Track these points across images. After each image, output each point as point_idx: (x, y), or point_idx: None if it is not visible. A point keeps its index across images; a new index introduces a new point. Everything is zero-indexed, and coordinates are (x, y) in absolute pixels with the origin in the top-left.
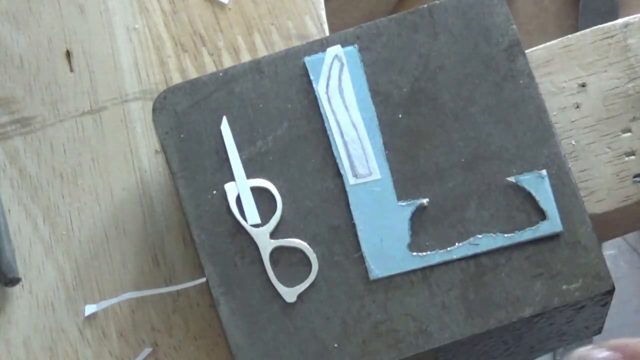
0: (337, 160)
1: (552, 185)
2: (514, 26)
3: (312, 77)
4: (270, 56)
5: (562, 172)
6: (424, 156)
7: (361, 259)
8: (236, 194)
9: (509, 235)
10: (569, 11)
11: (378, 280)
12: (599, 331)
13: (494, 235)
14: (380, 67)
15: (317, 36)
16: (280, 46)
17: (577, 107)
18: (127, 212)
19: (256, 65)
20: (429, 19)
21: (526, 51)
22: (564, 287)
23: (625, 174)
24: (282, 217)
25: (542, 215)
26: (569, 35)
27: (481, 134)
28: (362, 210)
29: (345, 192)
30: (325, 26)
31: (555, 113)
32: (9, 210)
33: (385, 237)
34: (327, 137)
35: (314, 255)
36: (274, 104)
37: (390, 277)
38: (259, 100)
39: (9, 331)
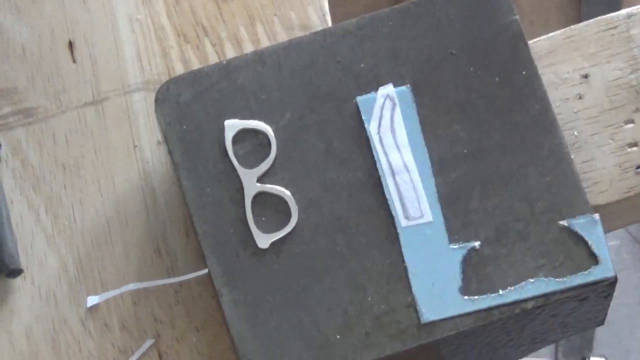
0: (389, 202)
1: (554, 178)
2: (517, 17)
3: (364, 117)
4: (272, 47)
5: (565, 163)
6: (427, 147)
7: (412, 300)
8: (234, 132)
9: (560, 279)
10: (571, 2)
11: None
12: (602, 322)
13: (545, 279)
14: (382, 58)
15: (319, 27)
16: (282, 37)
17: (580, 98)
18: (129, 203)
19: (259, 56)
20: (432, 10)
21: (529, 42)
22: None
23: (628, 165)
24: None
25: (593, 258)
26: (572, 26)
27: (484, 124)
28: (413, 253)
29: (348, 189)
30: (328, 17)
31: (558, 104)
32: (11, 201)
33: (437, 280)
34: (331, 129)
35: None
36: (277, 95)
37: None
38: (261, 91)
39: (11, 322)
